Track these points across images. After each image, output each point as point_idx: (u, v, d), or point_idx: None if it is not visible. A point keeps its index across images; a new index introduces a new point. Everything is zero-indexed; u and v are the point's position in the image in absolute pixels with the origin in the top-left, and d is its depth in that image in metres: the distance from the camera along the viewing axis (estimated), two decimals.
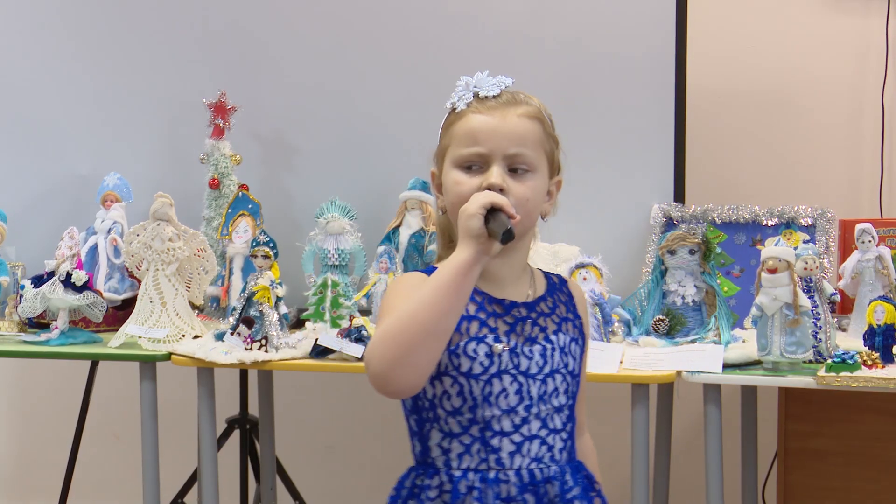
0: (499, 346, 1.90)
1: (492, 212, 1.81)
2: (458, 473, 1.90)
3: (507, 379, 1.90)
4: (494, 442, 1.89)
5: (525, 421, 1.90)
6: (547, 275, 2.05)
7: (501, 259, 1.91)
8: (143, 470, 3.14)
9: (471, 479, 1.89)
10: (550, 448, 1.92)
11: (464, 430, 1.90)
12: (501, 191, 1.87)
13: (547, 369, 1.92)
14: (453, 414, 1.90)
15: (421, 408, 1.93)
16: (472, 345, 1.89)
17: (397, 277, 2.00)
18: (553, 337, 1.94)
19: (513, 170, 1.91)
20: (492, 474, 1.89)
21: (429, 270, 1.94)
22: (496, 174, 1.89)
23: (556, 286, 2.02)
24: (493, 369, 1.89)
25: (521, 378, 1.90)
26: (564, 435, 1.94)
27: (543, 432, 1.91)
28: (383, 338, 1.80)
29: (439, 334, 1.80)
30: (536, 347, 1.92)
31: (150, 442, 3.13)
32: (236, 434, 3.83)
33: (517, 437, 1.90)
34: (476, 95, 1.96)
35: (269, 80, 3.65)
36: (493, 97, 1.95)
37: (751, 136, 3.92)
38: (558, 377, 1.93)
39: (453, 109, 1.97)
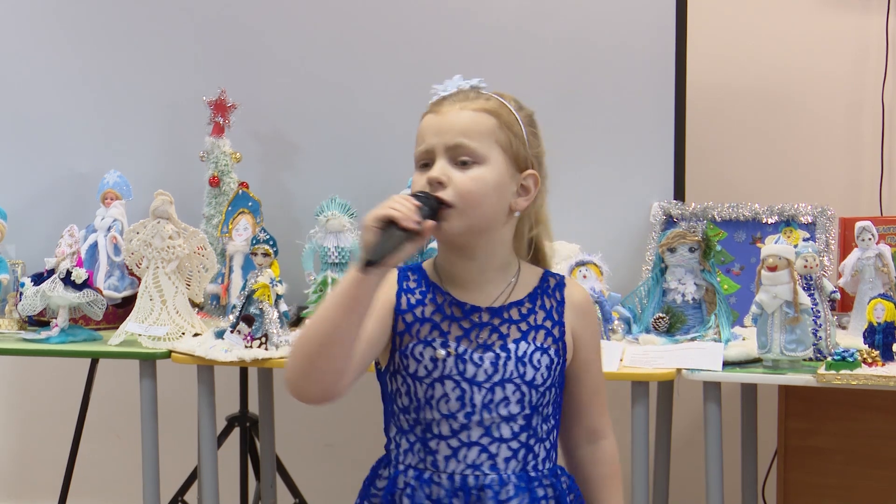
0: (441, 352, 1.90)
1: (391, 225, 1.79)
2: (401, 468, 1.94)
3: (449, 384, 1.90)
4: (432, 444, 1.91)
5: (465, 427, 1.90)
6: (545, 276, 2.01)
7: (464, 260, 1.92)
8: (143, 468, 3.14)
9: (409, 475, 1.93)
10: (492, 456, 1.91)
11: (410, 428, 1.94)
12: (440, 183, 1.86)
13: (496, 378, 1.90)
14: (403, 412, 1.94)
15: (385, 401, 1.98)
16: (419, 347, 1.91)
17: None
18: (512, 345, 1.92)
19: (462, 163, 1.89)
20: (426, 475, 1.92)
21: (404, 267, 1.95)
22: (436, 167, 1.88)
23: (548, 289, 1.99)
24: (437, 374, 1.90)
25: (464, 385, 1.90)
26: (515, 444, 1.92)
27: (485, 440, 1.91)
28: (292, 349, 1.83)
29: (334, 345, 1.80)
30: (489, 355, 1.91)
31: (150, 440, 3.13)
32: (236, 432, 3.83)
33: (454, 442, 1.90)
34: (437, 97, 1.96)
35: (269, 78, 3.65)
36: (448, 96, 1.95)
37: (751, 134, 3.92)
38: (509, 386, 1.91)
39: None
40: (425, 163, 1.91)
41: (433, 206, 1.85)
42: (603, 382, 2.05)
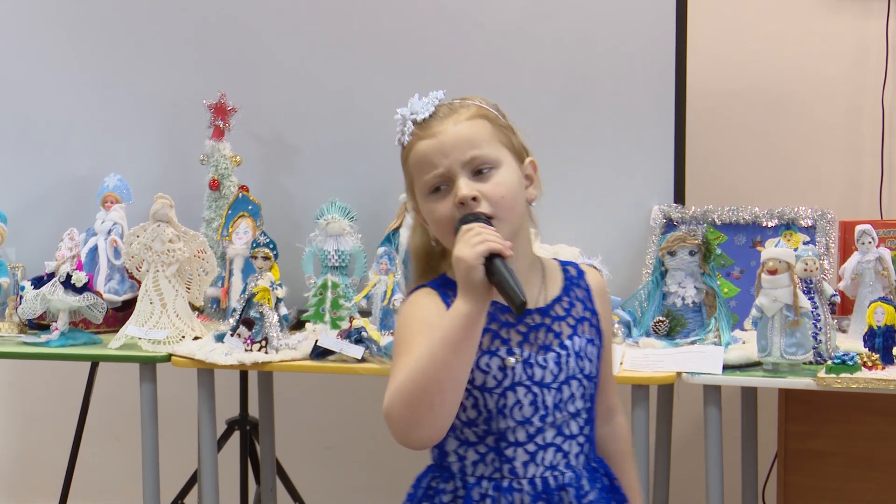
0: (511, 360, 1.89)
1: (491, 257, 1.76)
2: (472, 480, 1.91)
3: (521, 391, 1.89)
4: (508, 452, 1.90)
5: (540, 430, 1.90)
6: (564, 267, 2.02)
7: None
8: (143, 471, 3.14)
9: (484, 486, 1.90)
10: (566, 455, 1.91)
11: (479, 439, 1.91)
12: (474, 199, 1.85)
13: (562, 377, 1.91)
14: (469, 424, 1.91)
15: None
16: (486, 358, 1.89)
17: (408, 299, 1.95)
18: (568, 342, 1.93)
19: (478, 172, 1.89)
20: (505, 483, 1.89)
21: (434, 284, 1.93)
22: (463, 186, 1.87)
23: (574, 280, 2.00)
24: (507, 382, 1.89)
25: (535, 388, 1.89)
26: (581, 439, 1.94)
27: (559, 440, 1.91)
28: (401, 396, 1.79)
29: (453, 388, 1.79)
30: (551, 355, 1.91)
31: (150, 443, 3.13)
32: (236, 435, 3.83)
33: (531, 447, 1.90)
34: (415, 122, 1.94)
35: (270, 81, 3.65)
36: (431, 117, 1.93)
37: (751, 137, 3.92)
38: (574, 383, 1.92)
39: (402, 145, 1.96)
40: (437, 187, 1.90)
41: (489, 224, 1.83)
42: (612, 359, 2.07)
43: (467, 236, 1.79)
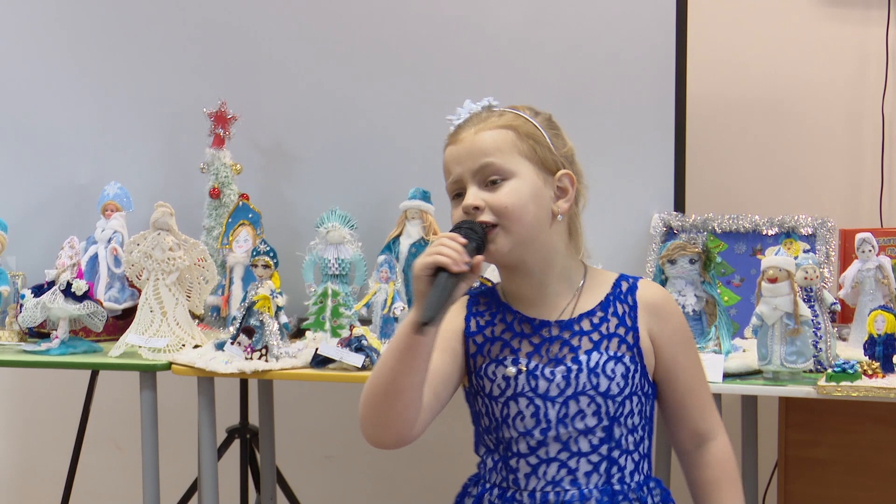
0: (512, 370, 1.90)
1: (441, 271, 1.78)
2: (487, 486, 1.94)
3: (522, 402, 1.89)
4: (513, 462, 1.91)
5: (542, 444, 1.90)
6: (617, 281, 1.99)
7: (522, 277, 1.91)
8: (143, 479, 3.14)
9: (493, 494, 1.92)
10: (572, 472, 1.90)
11: (494, 447, 1.94)
12: (477, 208, 1.86)
13: (569, 392, 1.89)
14: (486, 432, 1.95)
15: (474, 422, 1.98)
16: (492, 367, 1.91)
17: None
18: (583, 357, 1.90)
19: (492, 183, 1.89)
20: (509, 493, 1.91)
21: (473, 292, 1.95)
22: (469, 195, 1.88)
23: (620, 295, 1.97)
24: (510, 392, 1.90)
25: (538, 401, 1.89)
26: (595, 458, 1.91)
27: (564, 455, 1.90)
28: (362, 397, 1.85)
29: (400, 393, 1.81)
30: (559, 369, 1.90)
31: (150, 451, 3.13)
32: (236, 443, 3.83)
33: (533, 460, 1.90)
34: (454, 127, 1.96)
35: (270, 89, 3.65)
36: (464, 123, 1.95)
37: (751, 145, 3.92)
38: (584, 399, 1.90)
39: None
40: (458, 193, 1.91)
41: (480, 233, 1.84)
42: (700, 380, 2.01)
43: (430, 246, 1.81)
